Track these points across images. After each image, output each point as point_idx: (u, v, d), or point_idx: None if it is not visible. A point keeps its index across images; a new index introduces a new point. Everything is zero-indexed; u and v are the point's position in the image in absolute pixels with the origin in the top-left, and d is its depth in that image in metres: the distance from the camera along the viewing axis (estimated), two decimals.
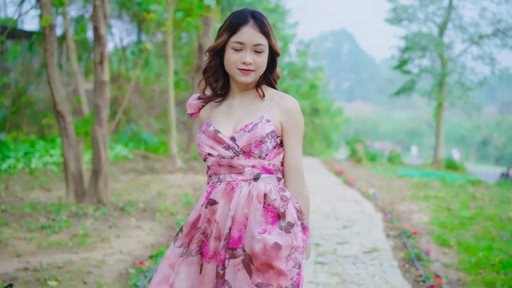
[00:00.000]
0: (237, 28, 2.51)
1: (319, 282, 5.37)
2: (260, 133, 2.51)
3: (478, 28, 22.36)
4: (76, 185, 8.33)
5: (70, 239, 6.53)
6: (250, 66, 2.52)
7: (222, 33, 2.55)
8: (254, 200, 2.50)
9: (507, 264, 5.99)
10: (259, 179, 2.55)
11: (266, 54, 2.55)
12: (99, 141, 8.11)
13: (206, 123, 2.66)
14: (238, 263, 2.48)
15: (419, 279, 5.52)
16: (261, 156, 2.54)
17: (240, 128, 2.54)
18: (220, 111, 2.68)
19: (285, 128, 2.59)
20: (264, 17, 2.58)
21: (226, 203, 2.54)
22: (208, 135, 2.59)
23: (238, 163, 2.54)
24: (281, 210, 2.51)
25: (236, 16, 2.54)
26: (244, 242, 2.49)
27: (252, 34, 2.51)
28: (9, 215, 7.52)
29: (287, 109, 2.59)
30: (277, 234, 2.46)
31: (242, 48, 2.51)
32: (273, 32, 2.59)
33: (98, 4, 7.85)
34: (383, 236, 7.45)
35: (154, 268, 5.52)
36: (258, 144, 2.51)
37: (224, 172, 2.58)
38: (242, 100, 2.65)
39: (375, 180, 14.19)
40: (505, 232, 7.65)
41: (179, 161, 14.41)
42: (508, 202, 10.46)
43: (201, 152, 2.62)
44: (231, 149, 2.54)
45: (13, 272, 5.30)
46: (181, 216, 8.04)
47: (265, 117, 2.55)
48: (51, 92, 7.97)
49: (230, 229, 2.51)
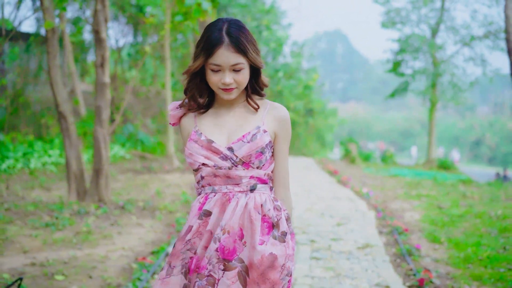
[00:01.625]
0: (212, 51, 2.42)
1: (315, 276, 5.62)
2: (260, 144, 2.50)
3: (470, 30, 22.75)
4: (77, 184, 8.56)
5: (73, 236, 6.76)
6: (231, 85, 2.47)
7: (199, 55, 2.47)
8: (252, 211, 2.47)
9: (494, 259, 6.24)
10: (255, 189, 2.53)
11: (246, 70, 2.48)
12: (100, 141, 8.35)
13: (194, 132, 2.58)
14: (233, 275, 2.45)
15: (409, 273, 5.77)
16: (259, 167, 2.53)
17: (237, 139, 2.50)
18: (206, 119, 2.62)
19: (278, 136, 2.59)
20: (242, 29, 2.47)
21: (220, 213, 2.50)
22: (202, 144, 2.53)
23: (236, 174, 2.50)
24: (275, 220, 2.51)
25: (210, 36, 2.44)
26: (239, 253, 2.46)
27: (227, 56, 2.42)
28: (13, 213, 7.75)
29: (281, 118, 2.59)
30: (271, 244, 2.47)
31: (220, 69, 2.45)
32: (253, 43, 2.50)
33: (99, 8, 8.09)
34: (375, 233, 7.71)
35: (156, 263, 5.75)
36: (258, 155, 2.50)
37: (219, 183, 2.53)
38: (231, 109, 2.61)
39: (369, 180, 14.45)
40: (493, 229, 7.91)
41: (176, 161, 14.65)
42: (497, 200, 10.73)
43: (194, 162, 2.55)
44: (229, 159, 2.49)
45: (21, 267, 5.53)
46: (180, 214, 8.28)
47: (261, 127, 2.53)
48: (53, 93, 8.21)
49: (222, 240, 2.46)
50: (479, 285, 5.42)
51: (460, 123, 64.51)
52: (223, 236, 2.46)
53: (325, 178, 15.27)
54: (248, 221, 2.47)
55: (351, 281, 5.48)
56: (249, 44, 2.46)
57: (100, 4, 8.05)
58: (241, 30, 2.46)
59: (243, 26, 2.49)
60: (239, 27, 2.47)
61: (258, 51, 2.51)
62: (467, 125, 63.42)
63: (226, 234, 2.46)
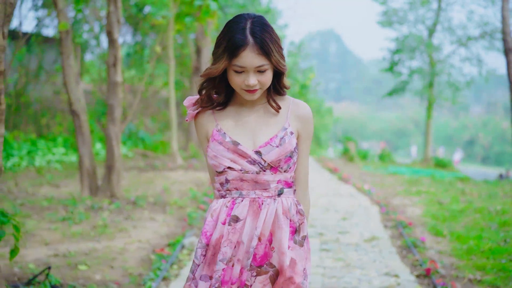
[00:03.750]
0: (237, 53, 2.32)
1: (326, 266, 5.89)
2: (289, 148, 2.43)
3: (466, 30, 23.10)
4: (90, 180, 8.80)
5: (91, 229, 7.01)
6: (255, 86, 2.37)
7: (221, 56, 2.37)
8: (281, 217, 2.43)
9: (496, 250, 6.52)
10: (282, 194, 2.47)
11: (270, 71, 2.39)
12: (112, 139, 8.61)
13: (216, 131, 2.48)
14: (265, 279, 2.44)
15: (416, 263, 6.05)
16: (286, 170, 2.47)
17: (265, 142, 2.43)
18: (228, 118, 2.52)
19: (301, 136, 2.53)
20: (266, 28, 2.36)
21: (253, 221, 2.43)
22: (228, 147, 2.43)
23: (264, 179, 2.43)
24: (297, 224, 2.49)
25: (233, 36, 2.33)
26: (269, 258, 2.44)
27: (252, 57, 2.32)
28: (29, 208, 7.98)
29: (304, 117, 2.53)
30: (292, 248, 2.46)
31: (244, 70, 2.35)
32: (277, 43, 2.39)
33: (112, 10, 8.34)
34: (380, 227, 7.99)
35: (173, 254, 6.01)
36: (287, 160, 2.44)
37: (247, 187, 2.44)
38: (253, 108, 2.52)
39: (368, 177, 14.74)
40: (493, 223, 8.19)
41: (179, 158, 14.89)
42: (495, 196, 11.01)
43: (218, 165, 2.44)
44: (257, 164, 2.42)
45: (45, 258, 5.77)
46: (190, 209, 8.53)
47: (288, 129, 2.47)
48: (67, 92, 8.47)
49: (253, 248, 2.41)
50: (483, 274, 5.68)
51: (453, 122, 64.98)
52: (256, 243, 2.42)
53: (326, 175, 15.59)
54: (277, 227, 2.43)
55: (361, 271, 5.75)
56: (273, 45, 2.35)
57: (113, 5, 8.30)
58: (266, 29, 2.35)
59: (266, 24, 2.38)
60: (263, 26, 2.36)
61: (281, 51, 2.42)
62: (461, 125, 63.91)
63: (258, 242, 2.42)
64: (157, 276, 5.32)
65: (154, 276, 5.32)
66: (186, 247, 6.40)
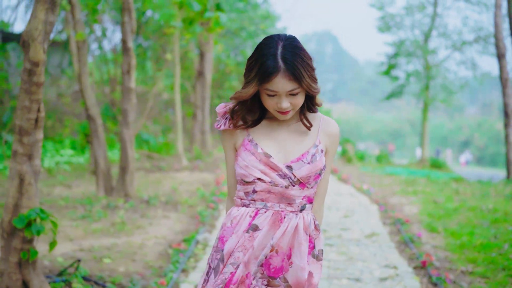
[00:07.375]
0: (269, 79, 2.33)
1: (330, 259, 6.41)
2: (320, 166, 2.48)
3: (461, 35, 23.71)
4: (105, 180, 9.31)
5: (110, 226, 7.52)
6: (288, 109, 2.40)
7: (252, 80, 2.38)
8: (301, 232, 2.47)
9: (486, 245, 7.03)
10: (304, 209, 2.50)
11: (302, 93, 2.41)
12: (126, 141, 9.13)
13: (248, 141, 2.51)
14: None
15: (413, 257, 6.57)
16: (313, 187, 2.51)
17: (296, 158, 2.46)
18: (259, 129, 2.54)
19: (328, 152, 2.57)
20: (298, 52, 2.37)
21: (270, 231, 2.46)
22: (259, 158, 2.45)
23: (291, 193, 2.46)
24: (314, 239, 2.54)
25: (265, 62, 2.34)
26: (284, 273, 2.47)
27: (284, 83, 2.34)
28: (47, 207, 8.47)
29: (332, 134, 2.57)
30: (311, 262, 2.52)
31: (276, 94, 2.37)
32: (309, 66, 2.39)
33: (127, 20, 8.84)
34: (380, 224, 8.53)
35: (189, 249, 6.52)
36: (316, 177, 2.48)
37: (273, 200, 2.47)
38: (285, 123, 2.54)
39: (366, 177, 15.22)
40: (485, 221, 8.69)
41: (185, 160, 15.35)
42: (487, 196, 11.51)
43: (248, 175, 2.46)
44: (288, 178, 2.45)
45: (71, 252, 6.27)
46: (200, 207, 9.04)
47: (319, 147, 2.50)
48: (83, 97, 9.00)
49: (269, 257, 2.46)
50: (474, 267, 6.20)
51: (448, 123, 65.49)
52: (271, 253, 2.45)
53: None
54: (297, 242, 2.46)
55: (363, 263, 6.27)
56: (304, 70, 2.35)
57: (127, 16, 8.81)
58: (297, 53, 2.36)
59: (298, 46, 2.39)
60: (295, 49, 2.37)
61: (314, 74, 2.43)
62: (456, 126, 64.45)
63: (273, 252, 2.45)
64: (177, 268, 5.82)
65: (173, 268, 5.82)
66: (200, 242, 6.91)
